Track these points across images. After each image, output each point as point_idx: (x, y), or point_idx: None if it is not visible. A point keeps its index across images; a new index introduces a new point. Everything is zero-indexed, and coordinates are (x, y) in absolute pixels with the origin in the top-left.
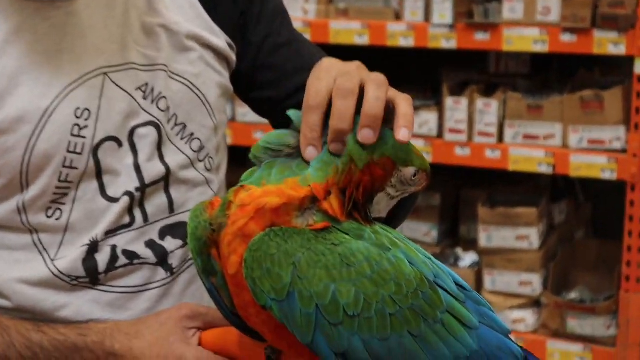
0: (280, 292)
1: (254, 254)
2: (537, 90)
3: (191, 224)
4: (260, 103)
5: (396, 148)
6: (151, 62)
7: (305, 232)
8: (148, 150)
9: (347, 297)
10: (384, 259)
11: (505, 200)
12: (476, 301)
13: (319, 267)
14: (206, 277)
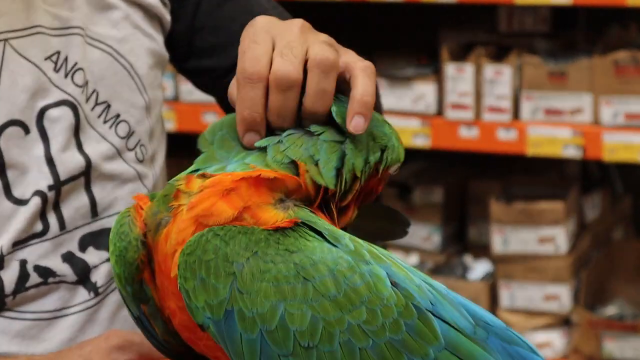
0: (216, 310)
1: (187, 259)
2: (560, 52)
3: (118, 244)
4: (201, 74)
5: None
6: (64, 25)
7: (255, 232)
8: (62, 137)
9: (300, 322)
10: (355, 275)
11: (524, 194)
12: (507, 340)
13: (265, 279)
14: (136, 306)
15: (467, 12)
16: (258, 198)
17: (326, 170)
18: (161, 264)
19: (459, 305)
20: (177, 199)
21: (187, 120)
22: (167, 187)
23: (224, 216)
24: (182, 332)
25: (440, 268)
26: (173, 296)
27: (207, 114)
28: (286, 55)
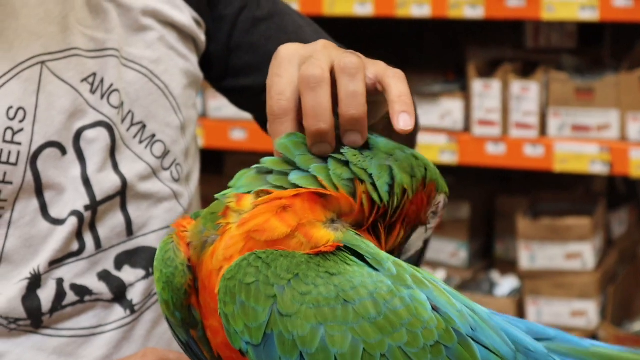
0: (255, 334)
1: (228, 283)
2: (587, 68)
3: (164, 270)
4: (238, 93)
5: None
6: (99, 47)
7: (296, 256)
8: (99, 157)
9: (340, 345)
10: (395, 298)
11: (551, 210)
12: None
13: (306, 302)
14: (184, 331)
15: (494, 29)
16: (311, 215)
17: (380, 184)
18: (205, 281)
19: (500, 330)
20: (226, 217)
21: (215, 136)
22: (215, 203)
23: (277, 233)
24: (223, 351)
25: (467, 284)
26: (216, 313)
27: (234, 130)
28: (310, 63)
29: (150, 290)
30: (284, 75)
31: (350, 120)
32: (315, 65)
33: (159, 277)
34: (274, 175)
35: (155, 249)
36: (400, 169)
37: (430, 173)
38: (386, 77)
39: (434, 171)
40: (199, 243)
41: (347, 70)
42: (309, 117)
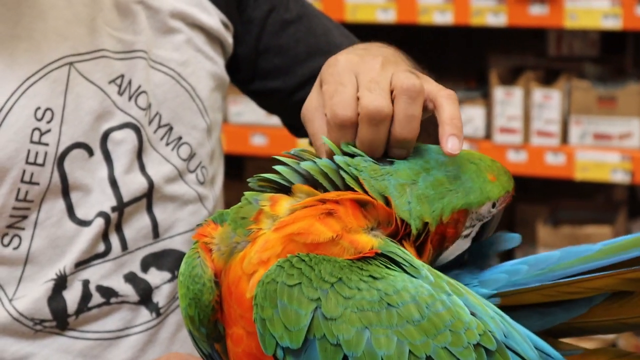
0: (295, 338)
1: (267, 287)
2: (609, 77)
3: (191, 287)
4: (266, 95)
5: (469, 192)
6: (127, 49)
7: (338, 260)
8: (126, 159)
9: (386, 347)
10: (437, 302)
11: (572, 218)
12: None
13: (350, 305)
14: (208, 345)
15: (516, 36)
16: (354, 222)
17: (399, 203)
18: (232, 287)
19: (526, 336)
20: (258, 222)
21: (236, 142)
22: (244, 206)
23: (322, 237)
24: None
25: None
26: (241, 320)
27: (255, 136)
28: (374, 90)
29: (174, 293)
30: (347, 84)
31: (401, 141)
32: (379, 95)
33: (185, 294)
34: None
35: (181, 251)
36: (419, 197)
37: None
38: (439, 97)
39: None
40: (228, 249)
41: (409, 93)
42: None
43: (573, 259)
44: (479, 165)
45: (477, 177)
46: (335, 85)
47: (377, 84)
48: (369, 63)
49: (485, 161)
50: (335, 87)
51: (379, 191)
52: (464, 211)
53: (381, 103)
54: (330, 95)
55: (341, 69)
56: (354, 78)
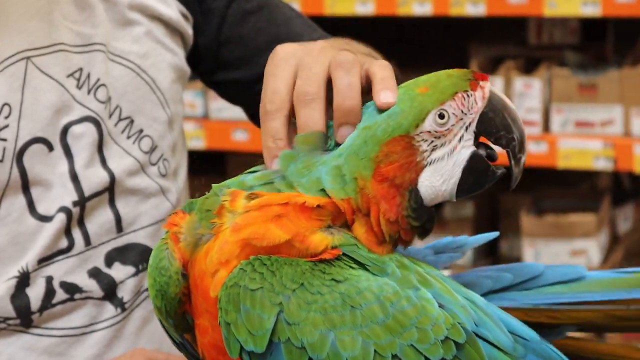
0: (259, 342)
1: (230, 291)
2: (590, 64)
3: (158, 278)
4: (228, 86)
5: (393, 118)
6: (86, 42)
7: (300, 263)
8: (86, 153)
9: (351, 348)
10: (402, 299)
11: (555, 206)
12: (545, 356)
13: (313, 309)
14: (178, 335)
15: (497, 26)
16: (307, 223)
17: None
18: (197, 280)
19: (499, 320)
20: (220, 216)
21: (217, 138)
22: (211, 199)
23: (277, 240)
24: (209, 352)
25: None
26: (207, 314)
27: (237, 132)
28: (305, 76)
29: (140, 287)
30: (279, 75)
31: (345, 112)
32: (307, 78)
33: (153, 284)
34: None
35: (144, 245)
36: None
37: (384, 132)
38: (372, 67)
39: (392, 120)
40: (193, 239)
41: (343, 65)
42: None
43: (558, 280)
44: (407, 86)
45: (404, 99)
46: (267, 77)
47: (309, 70)
48: (308, 51)
49: (420, 78)
50: (267, 80)
51: (315, 188)
52: (399, 138)
53: (309, 86)
54: (264, 87)
55: (277, 60)
56: (290, 67)
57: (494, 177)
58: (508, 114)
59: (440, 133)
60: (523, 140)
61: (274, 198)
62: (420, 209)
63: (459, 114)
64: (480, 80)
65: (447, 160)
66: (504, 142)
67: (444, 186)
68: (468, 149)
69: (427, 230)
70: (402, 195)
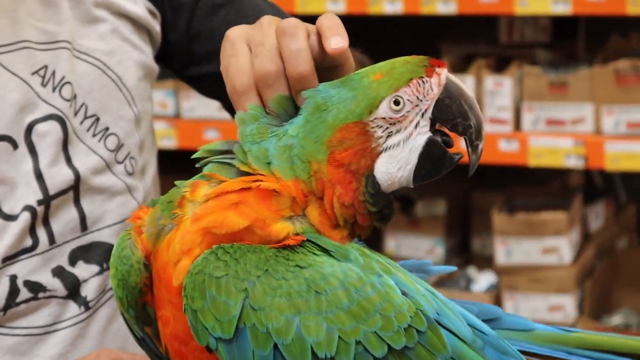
0: (226, 328)
1: (195, 278)
2: (561, 62)
3: (119, 267)
4: (202, 80)
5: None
6: (51, 39)
7: (263, 250)
8: (51, 151)
9: (316, 334)
10: (366, 285)
11: (527, 204)
12: (501, 350)
13: (278, 295)
14: (139, 328)
15: (468, 24)
16: (267, 211)
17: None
18: (160, 272)
19: (460, 315)
20: (182, 207)
21: (189, 137)
22: (172, 190)
23: (236, 227)
24: (171, 343)
25: (444, 280)
26: (169, 304)
27: (208, 131)
28: (260, 53)
29: (104, 286)
30: (238, 54)
31: (300, 78)
32: (265, 57)
33: (114, 274)
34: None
35: (109, 244)
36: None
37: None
38: (318, 21)
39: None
40: (155, 230)
41: (287, 31)
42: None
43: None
44: (363, 72)
45: (358, 85)
46: (228, 58)
47: (262, 46)
48: (257, 26)
49: (377, 65)
50: (228, 61)
51: (263, 160)
52: (352, 124)
53: (268, 65)
54: (226, 70)
55: (232, 41)
56: (244, 45)
57: (451, 162)
58: (465, 101)
59: (395, 119)
60: (480, 127)
61: (229, 185)
62: (377, 194)
63: (415, 100)
64: (437, 66)
65: (403, 147)
66: (460, 129)
67: (400, 172)
68: (424, 135)
69: (385, 216)
70: (359, 181)
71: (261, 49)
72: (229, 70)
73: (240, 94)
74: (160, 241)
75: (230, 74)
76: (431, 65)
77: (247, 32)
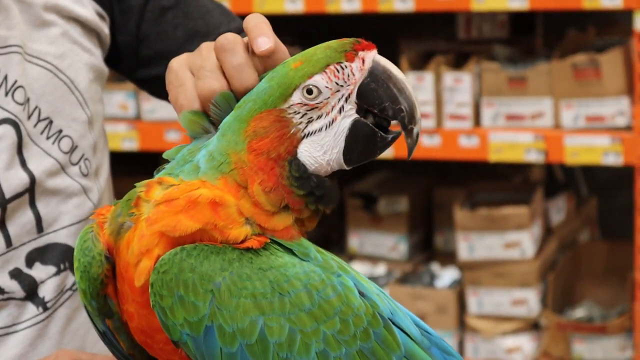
0: (195, 327)
1: (163, 277)
2: (519, 58)
3: (82, 259)
4: (151, 83)
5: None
6: (2, 44)
7: (227, 251)
8: (5, 155)
9: (278, 334)
10: (327, 287)
11: (488, 200)
12: (444, 350)
13: (243, 295)
14: (101, 320)
15: (426, 21)
16: (219, 220)
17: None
18: (122, 270)
19: (407, 315)
20: (138, 206)
21: (150, 139)
22: (131, 191)
23: (189, 230)
24: (137, 335)
25: (408, 277)
26: (133, 302)
27: (169, 132)
28: (202, 75)
29: (62, 287)
30: (184, 83)
31: (246, 92)
32: (205, 77)
33: (77, 266)
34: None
35: (66, 245)
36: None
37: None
38: (244, 23)
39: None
40: (115, 227)
41: (225, 47)
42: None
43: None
44: (286, 61)
45: (277, 75)
46: (176, 87)
47: (203, 68)
48: (197, 54)
49: (301, 52)
50: (176, 90)
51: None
52: (266, 112)
53: (210, 83)
54: (175, 100)
55: (175, 70)
56: (189, 73)
57: (384, 143)
58: (394, 85)
59: (313, 106)
60: (413, 110)
61: (174, 193)
62: (302, 178)
63: (334, 86)
64: (360, 50)
65: (327, 132)
66: (390, 113)
67: (326, 156)
68: (349, 118)
69: (320, 198)
70: (282, 166)
71: (202, 72)
72: (178, 100)
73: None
74: (120, 238)
75: (180, 103)
76: (354, 49)
77: (189, 59)
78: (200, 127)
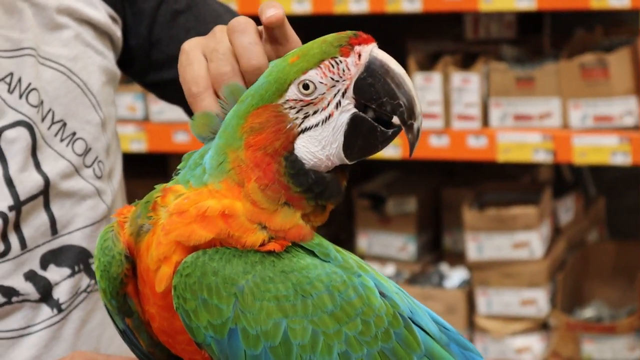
0: (220, 330)
1: (186, 280)
2: (527, 58)
3: (102, 258)
4: (162, 87)
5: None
6: (15, 47)
7: (249, 255)
8: (20, 157)
9: (301, 336)
10: (349, 289)
11: (497, 200)
12: (462, 345)
13: (266, 298)
14: (121, 319)
15: (434, 22)
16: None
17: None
18: (143, 273)
19: (426, 312)
20: (155, 211)
21: (158, 140)
22: (152, 192)
23: (202, 239)
24: (160, 335)
25: (417, 277)
26: (154, 305)
27: (178, 134)
28: (215, 58)
29: (77, 289)
30: (193, 62)
31: (254, 71)
32: (219, 60)
33: (97, 265)
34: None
35: (80, 247)
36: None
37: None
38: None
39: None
40: (135, 228)
41: (237, 28)
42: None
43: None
44: (285, 56)
45: (274, 70)
46: (184, 67)
47: (216, 51)
48: (210, 36)
49: (299, 47)
50: (184, 69)
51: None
52: (262, 108)
53: (223, 66)
54: (183, 78)
55: (186, 52)
56: (199, 54)
57: (385, 137)
58: (391, 79)
59: (308, 102)
60: (412, 106)
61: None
62: (299, 174)
63: (329, 81)
64: (357, 44)
65: (324, 127)
66: (388, 108)
67: (325, 151)
68: (347, 113)
69: (320, 194)
70: (278, 162)
71: (215, 54)
72: (185, 78)
73: (196, 95)
74: (140, 240)
75: (187, 80)
76: (350, 44)
77: (201, 42)
78: (209, 129)
